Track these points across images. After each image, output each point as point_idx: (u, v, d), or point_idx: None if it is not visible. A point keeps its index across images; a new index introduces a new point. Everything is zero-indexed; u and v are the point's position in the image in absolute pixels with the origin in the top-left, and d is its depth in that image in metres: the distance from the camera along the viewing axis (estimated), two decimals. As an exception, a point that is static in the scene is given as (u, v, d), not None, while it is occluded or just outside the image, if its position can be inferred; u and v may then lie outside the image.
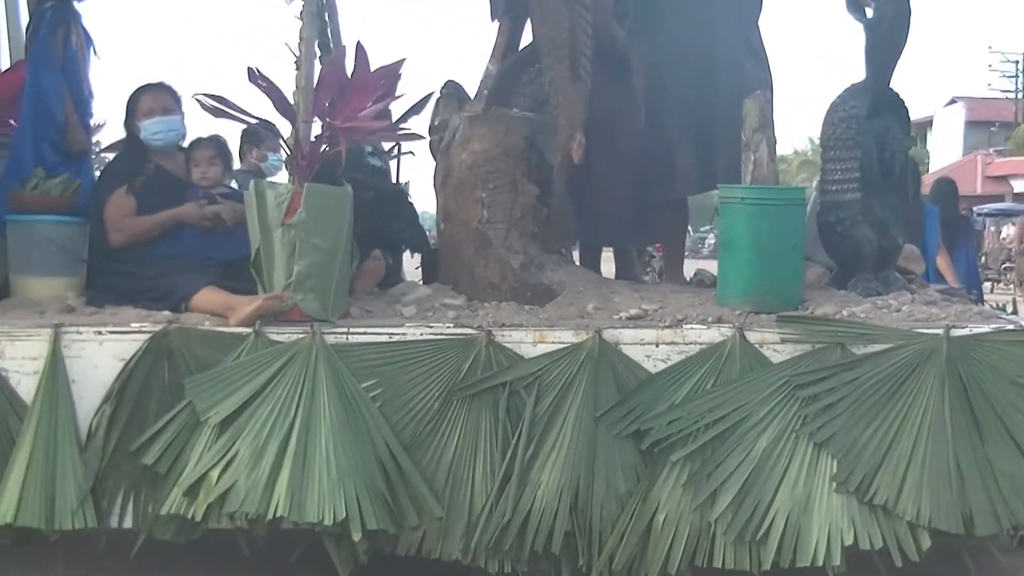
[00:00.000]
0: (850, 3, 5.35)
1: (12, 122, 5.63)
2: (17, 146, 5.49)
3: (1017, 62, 43.47)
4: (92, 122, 5.89)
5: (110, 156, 5.87)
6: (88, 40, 5.78)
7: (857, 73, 5.56)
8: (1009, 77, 44.09)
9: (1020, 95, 42.77)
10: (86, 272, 5.24)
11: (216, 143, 5.35)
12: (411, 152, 6.28)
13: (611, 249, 6.44)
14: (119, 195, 5.11)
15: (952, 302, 5.35)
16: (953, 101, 45.81)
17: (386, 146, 6.14)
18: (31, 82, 5.48)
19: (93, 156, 5.91)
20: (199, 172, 5.27)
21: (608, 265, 6.38)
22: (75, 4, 5.69)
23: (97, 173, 5.80)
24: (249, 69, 4.70)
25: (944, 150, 44.32)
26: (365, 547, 4.40)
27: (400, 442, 4.52)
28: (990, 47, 46.07)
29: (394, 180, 6.23)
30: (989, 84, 45.87)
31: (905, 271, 5.83)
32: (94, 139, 6.09)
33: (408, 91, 5.14)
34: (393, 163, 6.36)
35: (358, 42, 5.02)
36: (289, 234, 4.60)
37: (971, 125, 44.50)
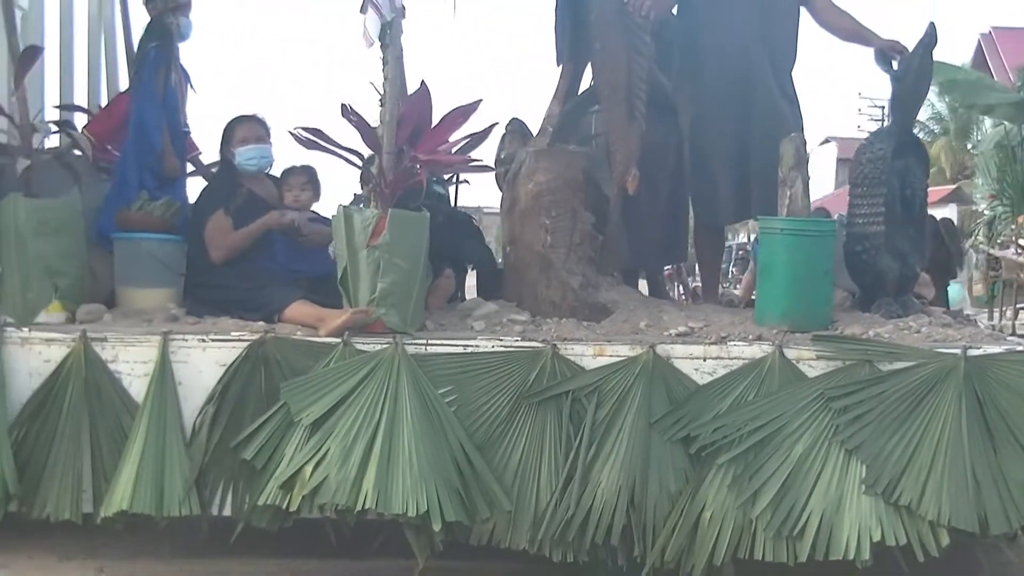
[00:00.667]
0: (879, 57, 5.57)
1: (109, 147, 5.93)
2: (122, 172, 5.76)
3: (883, 107, 44.41)
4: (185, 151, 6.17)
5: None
6: (186, 76, 6.07)
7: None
8: (876, 120, 45.07)
9: (886, 137, 43.99)
10: (183, 285, 5.51)
11: (308, 171, 5.60)
12: (467, 181, 6.57)
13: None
14: (218, 216, 5.36)
15: (965, 324, 5.61)
16: (827, 141, 47.38)
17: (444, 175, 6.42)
18: (135, 115, 5.75)
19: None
20: (291, 196, 5.54)
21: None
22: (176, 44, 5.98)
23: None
24: (342, 105, 4.96)
25: (818, 184, 45.71)
26: (442, 537, 4.58)
27: (473, 443, 4.72)
28: (860, 93, 47.75)
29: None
30: (859, 126, 46.98)
31: (918, 296, 6.08)
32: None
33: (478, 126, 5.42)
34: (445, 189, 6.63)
35: (422, 82, 5.31)
36: (374, 254, 4.84)
37: (842, 162, 45.86)
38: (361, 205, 5.23)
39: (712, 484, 4.66)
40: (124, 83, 6.65)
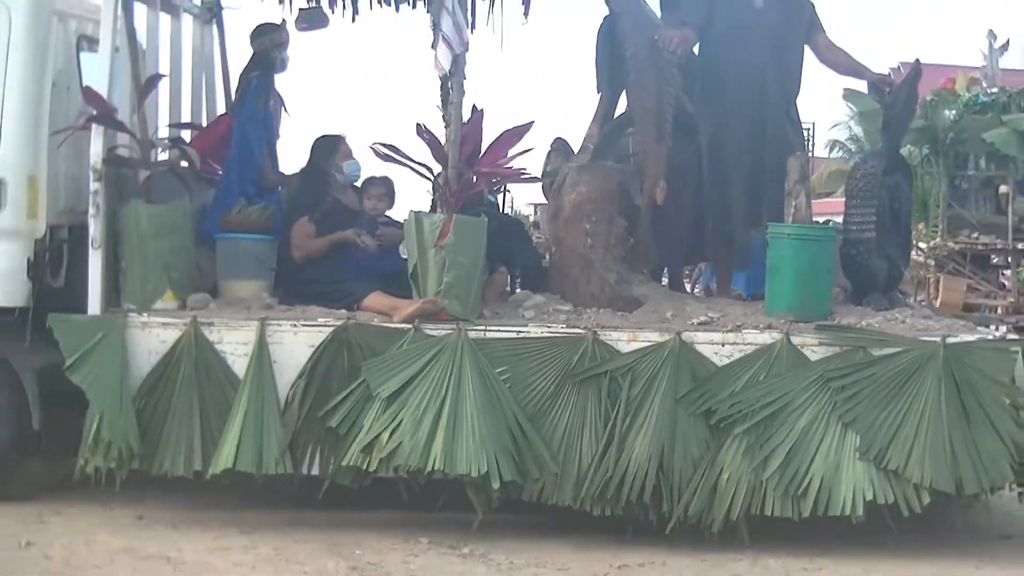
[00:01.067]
0: (871, 88, 5.90)
1: (209, 160, 6.25)
2: (225, 182, 6.10)
3: (808, 128, 44.86)
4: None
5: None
6: (281, 102, 6.40)
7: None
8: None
9: (811, 154, 44.25)
10: (274, 278, 5.83)
11: (386, 183, 5.93)
12: (509, 190, 6.93)
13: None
14: (302, 222, 5.73)
15: (943, 316, 5.93)
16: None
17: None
18: (238, 134, 6.08)
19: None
20: (371, 204, 5.87)
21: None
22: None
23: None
24: (417, 124, 5.34)
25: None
26: (498, 494, 4.92)
27: (525, 414, 5.03)
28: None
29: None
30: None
31: (901, 292, 6.40)
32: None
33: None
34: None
35: (474, 106, 5.64)
36: (440, 253, 5.18)
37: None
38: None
39: (729, 451, 4.97)
40: (220, 107, 7.02)
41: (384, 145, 5.39)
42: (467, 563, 4.84)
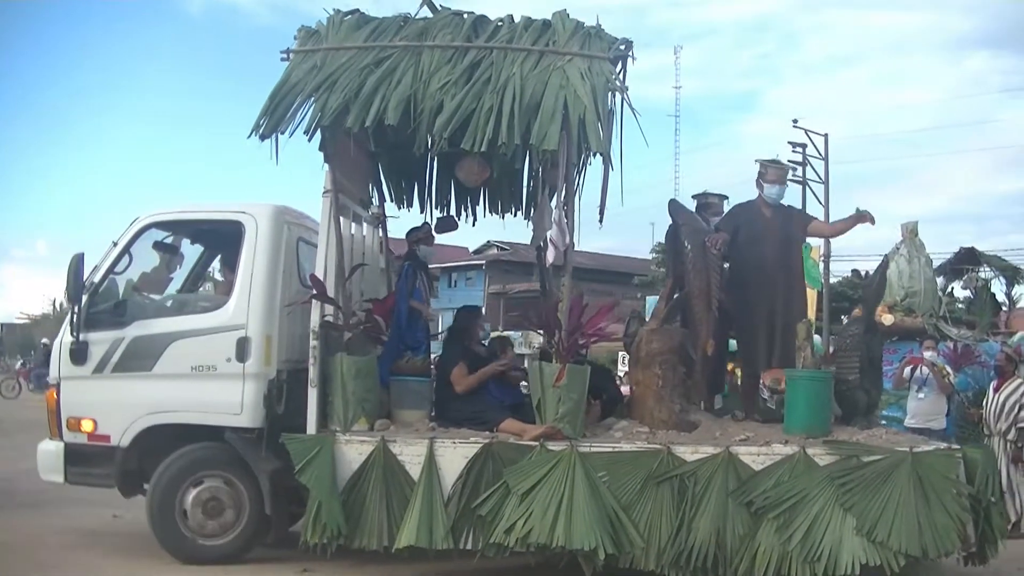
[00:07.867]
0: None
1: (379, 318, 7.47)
2: (392, 341, 7.43)
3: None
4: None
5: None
6: (429, 279, 7.90)
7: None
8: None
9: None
10: (431, 408, 7.15)
11: (509, 340, 7.60)
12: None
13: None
14: (459, 366, 7.14)
15: (906, 433, 7.27)
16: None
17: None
18: (397, 307, 7.49)
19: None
20: (506, 356, 7.49)
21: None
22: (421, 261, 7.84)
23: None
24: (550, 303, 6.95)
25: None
26: (602, 563, 6.09)
27: (620, 505, 6.17)
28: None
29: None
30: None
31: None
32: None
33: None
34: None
35: (581, 293, 7.12)
36: (557, 392, 6.45)
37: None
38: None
39: (764, 530, 6.14)
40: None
41: (521, 315, 7.05)
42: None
